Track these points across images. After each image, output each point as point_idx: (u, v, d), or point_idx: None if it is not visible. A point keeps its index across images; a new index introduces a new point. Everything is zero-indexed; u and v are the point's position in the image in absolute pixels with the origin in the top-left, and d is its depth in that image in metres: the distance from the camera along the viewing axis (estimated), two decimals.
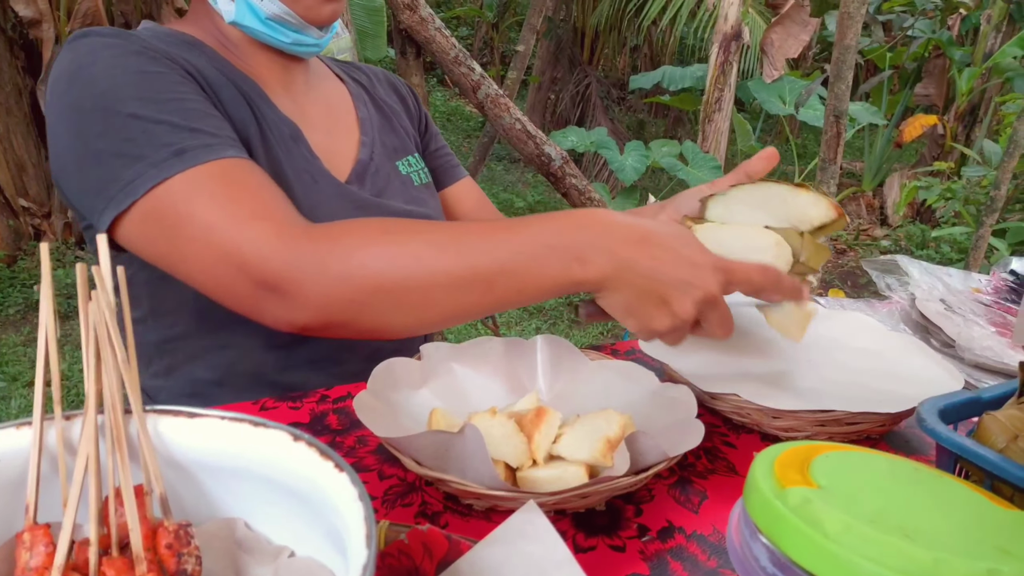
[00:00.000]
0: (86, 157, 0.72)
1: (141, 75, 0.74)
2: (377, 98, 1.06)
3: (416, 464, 0.57)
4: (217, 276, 0.69)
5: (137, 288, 0.85)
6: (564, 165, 2.44)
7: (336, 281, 0.65)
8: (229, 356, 0.86)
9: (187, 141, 0.70)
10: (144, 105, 0.72)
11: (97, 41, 0.76)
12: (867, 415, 0.69)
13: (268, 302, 0.68)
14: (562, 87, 7.78)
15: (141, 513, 0.41)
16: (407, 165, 1.02)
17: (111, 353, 0.42)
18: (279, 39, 0.86)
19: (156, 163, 0.69)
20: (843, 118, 2.65)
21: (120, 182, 0.70)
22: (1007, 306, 1.03)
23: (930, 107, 6.16)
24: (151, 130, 0.71)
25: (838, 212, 0.71)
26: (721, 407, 0.75)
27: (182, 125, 0.72)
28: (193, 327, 0.86)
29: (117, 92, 0.72)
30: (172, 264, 0.72)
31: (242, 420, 0.43)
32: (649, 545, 0.57)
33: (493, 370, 0.75)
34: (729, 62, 4.85)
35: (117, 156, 0.70)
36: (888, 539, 0.37)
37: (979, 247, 3.42)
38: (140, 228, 0.71)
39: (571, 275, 0.64)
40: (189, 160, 0.69)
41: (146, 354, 0.90)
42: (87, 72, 0.73)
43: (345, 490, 0.38)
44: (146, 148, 0.70)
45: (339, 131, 0.96)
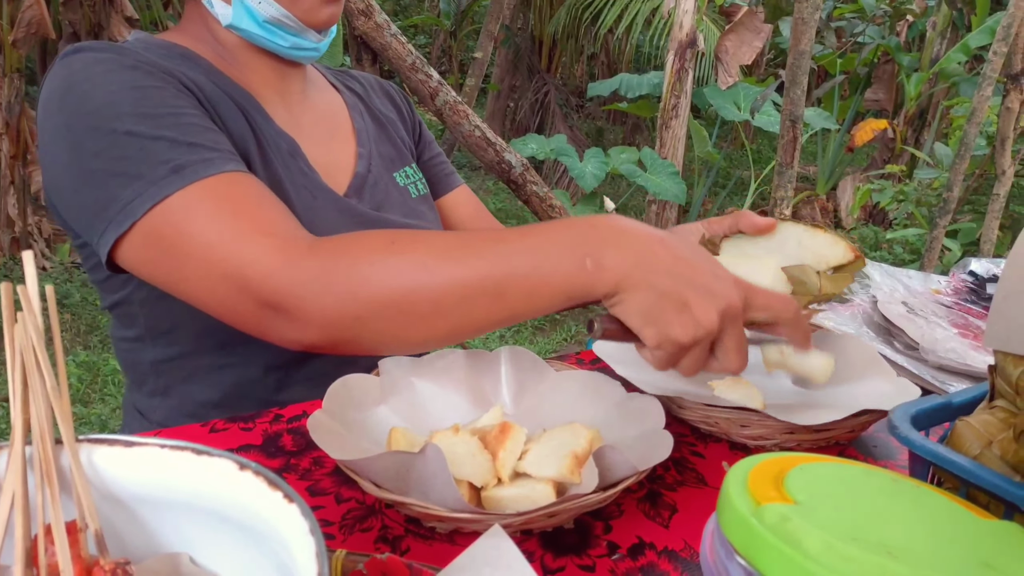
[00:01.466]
0: (82, 177, 0.69)
1: (136, 90, 0.71)
2: (372, 107, 1.03)
3: (375, 487, 0.54)
4: (220, 296, 0.66)
5: (133, 307, 0.83)
6: (525, 172, 2.43)
7: (341, 298, 0.63)
8: (228, 376, 0.84)
9: (185, 157, 0.68)
10: (140, 121, 0.69)
11: (90, 56, 0.73)
12: (837, 422, 0.68)
13: (273, 321, 0.65)
14: (521, 95, 7.79)
15: (74, 552, 0.38)
16: (404, 176, 0.99)
17: (39, 380, 0.39)
18: (277, 43, 0.84)
19: (154, 181, 0.67)
20: (799, 123, 2.68)
21: (119, 202, 0.67)
22: (967, 307, 1.04)
23: (880, 111, 6.29)
24: (148, 147, 0.68)
25: (856, 254, 0.69)
26: (688, 416, 0.74)
27: (180, 140, 0.69)
28: (192, 347, 0.83)
29: (112, 109, 0.70)
30: (174, 284, 0.69)
31: (183, 448, 0.40)
32: (620, 564, 0.55)
33: (456, 384, 0.73)
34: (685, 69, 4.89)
35: (114, 175, 0.68)
36: (870, 558, 0.35)
37: (933, 248, 3.49)
38: (141, 249, 0.69)
39: (585, 275, 0.60)
40: (188, 176, 0.67)
41: (141, 373, 0.87)
42: (80, 89, 0.71)
43: (295, 523, 0.35)
44: (143, 166, 0.67)
45: (336, 142, 0.94)
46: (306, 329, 0.64)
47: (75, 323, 3.68)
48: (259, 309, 0.65)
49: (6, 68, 3.92)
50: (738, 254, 0.73)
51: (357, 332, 0.64)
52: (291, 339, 0.66)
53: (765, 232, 0.76)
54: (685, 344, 0.60)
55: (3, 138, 4.03)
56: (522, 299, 0.62)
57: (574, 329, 4.27)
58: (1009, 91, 3.45)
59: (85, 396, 3.07)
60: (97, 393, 3.11)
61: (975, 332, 0.96)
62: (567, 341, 4.17)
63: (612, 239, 0.61)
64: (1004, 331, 0.51)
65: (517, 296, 0.61)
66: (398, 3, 9.45)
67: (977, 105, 3.30)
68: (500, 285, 0.61)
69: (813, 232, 0.70)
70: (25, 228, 4.22)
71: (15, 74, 3.95)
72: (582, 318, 4.44)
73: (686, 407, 0.72)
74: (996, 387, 0.54)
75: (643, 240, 0.61)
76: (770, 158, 6.23)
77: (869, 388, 0.77)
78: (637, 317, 0.60)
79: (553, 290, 0.61)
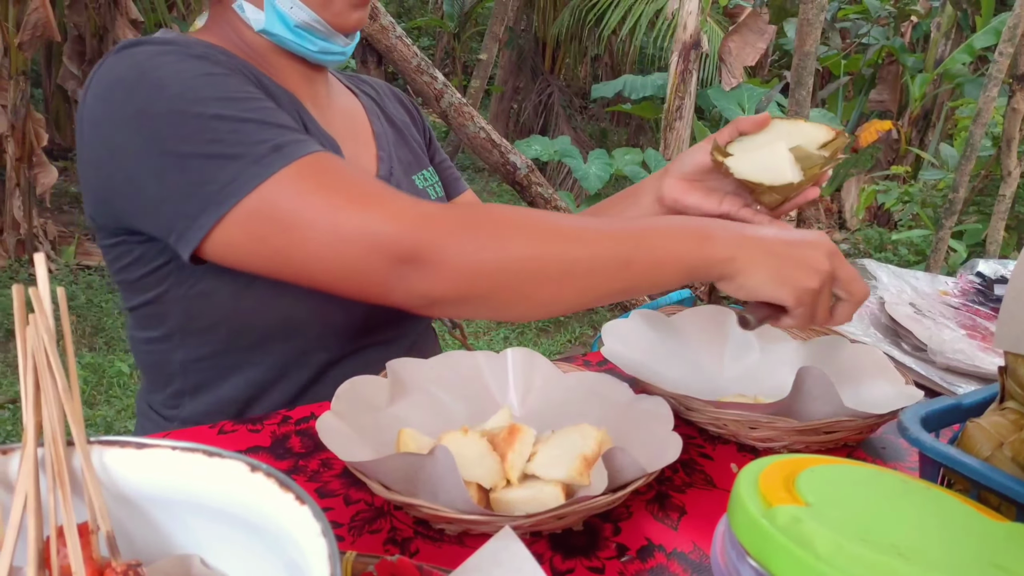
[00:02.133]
0: (166, 164, 0.68)
1: (211, 76, 0.72)
2: (387, 112, 1.04)
3: (384, 489, 0.54)
4: (347, 259, 0.67)
5: (165, 306, 0.82)
6: (530, 173, 2.43)
7: (485, 247, 0.65)
8: (258, 374, 0.84)
9: (281, 137, 0.69)
10: (225, 105, 0.69)
11: (152, 48, 0.73)
12: (844, 423, 0.68)
13: (406, 275, 0.66)
14: (524, 96, 7.79)
15: (86, 553, 0.38)
16: (423, 179, 1.00)
17: (51, 381, 0.39)
18: (306, 47, 0.84)
19: (256, 160, 0.67)
20: None
21: (217, 183, 0.67)
22: (975, 308, 1.03)
23: (884, 112, 6.28)
24: (240, 128, 0.68)
25: (836, 132, 0.85)
26: (697, 418, 0.73)
27: (268, 122, 0.70)
28: (225, 345, 0.83)
29: (193, 93, 0.69)
30: (288, 258, 0.69)
31: (195, 450, 0.40)
32: (629, 565, 0.55)
33: (463, 386, 0.73)
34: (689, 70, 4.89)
35: (209, 158, 0.67)
36: (882, 559, 0.35)
37: (939, 249, 3.48)
38: (246, 228, 0.68)
39: (702, 251, 0.68)
40: (289, 155, 0.67)
41: (166, 374, 0.86)
42: (153, 77, 0.70)
43: (307, 525, 0.35)
44: (239, 147, 0.67)
45: (359, 146, 0.94)
46: (441, 279, 0.66)
47: (81, 325, 3.69)
48: (392, 265, 0.66)
49: (11, 71, 3.93)
50: (749, 148, 0.86)
51: (491, 285, 0.66)
52: (420, 292, 0.67)
53: (763, 126, 0.88)
54: (817, 289, 0.69)
55: (8, 140, 4.04)
56: (647, 270, 0.68)
57: (578, 331, 4.27)
58: (1015, 92, 3.44)
59: (91, 398, 3.08)
60: (103, 395, 3.12)
61: (983, 333, 0.96)
62: (571, 343, 4.17)
63: (718, 228, 0.70)
64: (1014, 332, 0.51)
65: (643, 267, 0.68)
66: (402, 5, 9.47)
67: (983, 106, 3.29)
68: (629, 256, 0.68)
69: (797, 123, 0.86)
70: (31, 230, 4.24)
71: (20, 76, 3.97)
72: (586, 320, 4.44)
73: (695, 409, 0.72)
74: (1007, 388, 0.54)
75: (741, 227, 0.71)
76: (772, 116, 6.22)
77: (877, 391, 0.77)
78: (770, 285, 0.69)
79: (677, 262, 0.68)
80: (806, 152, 0.84)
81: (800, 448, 0.71)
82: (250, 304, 0.79)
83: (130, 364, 3.31)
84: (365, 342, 0.88)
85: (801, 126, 0.85)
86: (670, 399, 0.72)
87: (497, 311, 0.70)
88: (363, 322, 0.86)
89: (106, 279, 4.17)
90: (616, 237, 0.68)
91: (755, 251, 0.68)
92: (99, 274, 4.22)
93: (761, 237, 0.69)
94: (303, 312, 0.81)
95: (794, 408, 0.69)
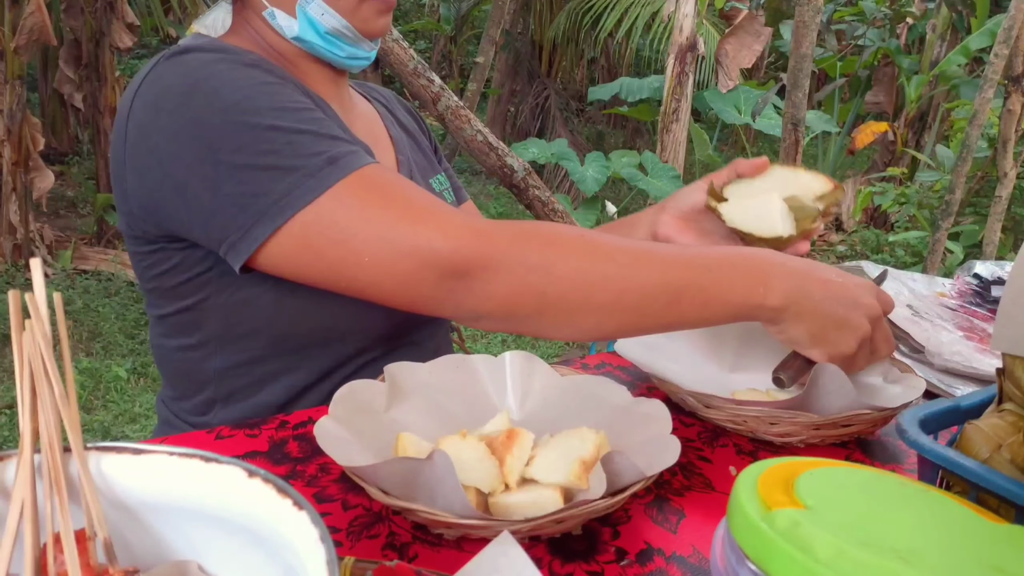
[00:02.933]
0: (221, 174, 0.68)
1: (266, 86, 0.72)
2: (399, 119, 1.06)
3: (382, 493, 0.54)
4: (400, 274, 0.67)
5: (202, 313, 0.81)
6: (527, 177, 2.43)
7: (534, 270, 0.66)
8: (296, 379, 0.84)
9: (335, 149, 0.69)
10: (281, 116, 0.70)
11: (205, 56, 0.74)
12: (861, 416, 0.69)
13: (455, 290, 0.67)
14: (521, 99, 7.79)
15: (83, 560, 0.38)
16: (439, 183, 1.02)
17: (48, 388, 0.39)
18: (336, 53, 0.85)
19: (312, 173, 0.67)
20: (801, 126, 2.68)
21: (272, 195, 0.67)
22: (972, 310, 1.03)
23: (880, 114, 6.29)
24: (296, 140, 0.69)
25: (834, 184, 0.86)
26: (714, 416, 0.74)
27: (322, 133, 0.70)
28: (263, 352, 0.83)
29: (249, 103, 0.70)
30: (339, 272, 0.69)
31: (192, 456, 0.40)
32: (628, 570, 0.55)
33: (461, 390, 0.73)
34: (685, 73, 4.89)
35: (264, 169, 0.68)
36: (882, 562, 0.35)
37: (936, 251, 3.48)
38: (302, 240, 0.68)
39: (755, 298, 0.68)
40: (344, 168, 0.68)
41: (198, 381, 0.85)
42: (208, 86, 0.71)
43: (305, 531, 0.35)
44: (295, 159, 0.68)
45: (380, 150, 0.95)
46: (490, 297, 0.67)
47: (78, 330, 3.68)
48: (443, 280, 0.67)
49: (8, 75, 3.93)
50: (744, 195, 0.87)
51: (536, 308, 0.67)
52: (470, 307, 0.69)
53: (762, 171, 0.89)
54: (853, 354, 0.71)
55: (5, 145, 4.03)
56: (695, 308, 0.68)
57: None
58: (1010, 93, 3.45)
59: (88, 403, 3.07)
60: (100, 400, 3.11)
61: (980, 335, 0.96)
62: (569, 345, 4.16)
63: (777, 270, 0.69)
64: (1012, 334, 0.51)
65: (692, 304, 0.68)
66: (399, 8, 9.46)
67: (979, 107, 3.30)
68: (679, 292, 0.67)
69: (796, 171, 0.87)
70: (27, 235, 4.23)
71: (17, 81, 3.96)
72: None
73: (713, 406, 0.73)
74: (1005, 390, 0.54)
75: (800, 271, 0.70)
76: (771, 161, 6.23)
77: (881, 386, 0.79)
78: (807, 340, 0.70)
79: (726, 305, 0.68)
80: (801, 203, 0.85)
81: (815, 442, 0.73)
82: (291, 312, 0.79)
83: (127, 369, 3.30)
84: (397, 343, 0.89)
85: (800, 175, 0.86)
86: (688, 396, 0.74)
87: (540, 331, 0.71)
88: (402, 326, 0.87)
89: (102, 284, 4.16)
90: (666, 274, 0.68)
91: (805, 304, 0.69)
92: (96, 279, 4.22)
93: (814, 288, 0.69)
94: (345, 319, 0.81)
95: (809, 403, 0.70)
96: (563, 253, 0.67)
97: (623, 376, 0.88)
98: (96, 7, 4.49)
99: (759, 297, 0.68)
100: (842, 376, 0.68)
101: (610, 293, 0.66)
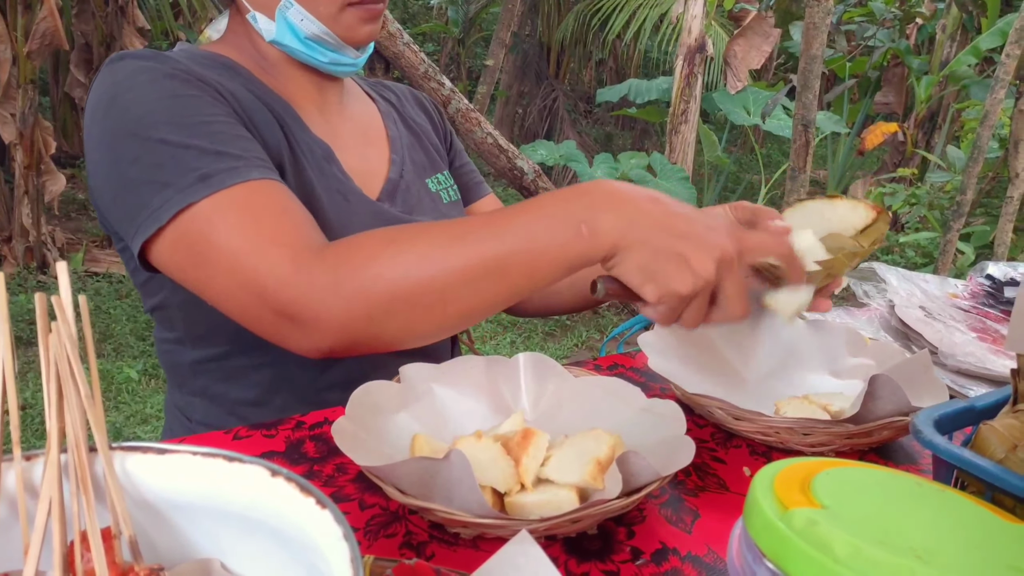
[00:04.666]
0: (120, 183, 0.73)
1: (173, 99, 0.74)
2: (406, 116, 1.06)
3: (400, 493, 0.55)
4: (241, 304, 0.69)
5: (171, 311, 0.85)
6: (537, 179, 2.43)
7: (350, 301, 0.65)
8: (265, 375, 0.86)
9: (212, 165, 0.70)
10: (174, 130, 0.72)
11: (133, 65, 0.76)
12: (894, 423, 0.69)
13: (290, 330, 0.68)
14: (529, 101, 7.80)
15: (109, 558, 0.38)
16: (436, 183, 1.02)
17: (73, 388, 0.40)
18: (317, 59, 0.86)
19: (181, 188, 0.69)
20: (811, 127, 2.68)
21: (149, 208, 0.70)
22: (985, 311, 1.03)
23: (890, 115, 6.27)
24: (179, 155, 0.71)
25: (877, 211, 0.71)
26: (745, 428, 0.73)
27: (209, 149, 0.71)
28: (229, 348, 0.85)
29: (150, 117, 0.72)
30: (202, 290, 0.72)
31: (216, 455, 0.41)
32: (643, 569, 0.55)
33: (475, 390, 0.73)
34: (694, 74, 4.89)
35: (147, 183, 0.71)
36: (899, 561, 0.35)
37: (947, 251, 3.47)
38: (169, 254, 0.72)
39: (582, 242, 0.61)
40: (214, 184, 0.69)
41: (181, 374, 0.89)
42: (124, 98, 0.74)
43: (328, 529, 0.35)
44: (172, 174, 0.70)
45: (370, 150, 0.96)
46: (322, 336, 0.67)
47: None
48: (276, 318, 0.68)
49: (20, 79, 3.95)
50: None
51: (372, 331, 0.66)
52: (309, 347, 0.69)
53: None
54: (685, 295, 0.61)
55: (17, 148, 4.06)
56: (524, 275, 0.64)
57: (585, 335, 4.27)
58: (1022, 93, 3.43)
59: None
60: (111, 401, 3.13)
61: (993, 336, 0.96)
62: (578, 346, 4.17)
63: (604, 203, 0.62)
64: None
65: (519, 272, 0.64)
66: (407, 11, 9.48)
67: (990, 108, 3.28)
68: (501, 264, 0.63)
69: (832, 203, 0.73)
70: (39, 238, 4.25)
71: (29, 85, 3.99)
72: (593, 324, 4.44)
73: (744, 419, 0.72)
74: (1020, 391, 0.54)
75: (635, 200, 0.62)
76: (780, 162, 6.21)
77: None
78: (636, 275, 0.62)
79: (553, 261, 0.63)
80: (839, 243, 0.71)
81: (845, 450, 0.72)
82: None
83: (138, 370, 3.32)
84: None
85: (837, 206, 0.73)
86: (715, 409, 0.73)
87: (392, 347, 0.69)
88: None
89: (114, 286, 4.19)
90: (484, 247, 0.64)
91: (636, 233, 0.60)
92: (107, 281, 4.25)
93: (649, 224, 0.61)
94: None
95: (866, 416, 0.68)
96: (377, 269, 0.65)
97: (636, 378, 0.88)
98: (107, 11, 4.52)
99: (585, 241, 0.61)
100: (893, 382, 0.66)
101: (433, 293, 0.64)
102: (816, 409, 0.74)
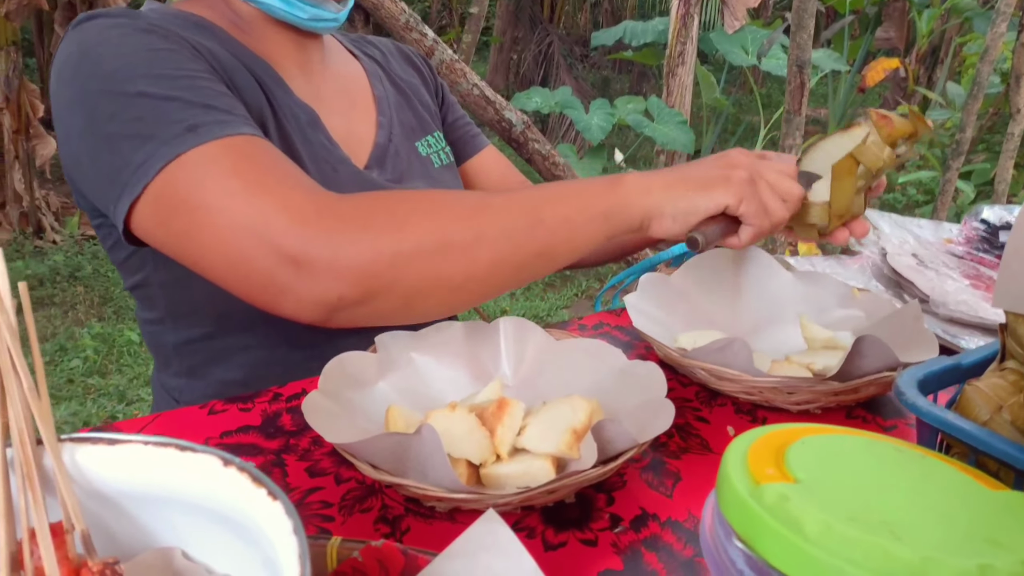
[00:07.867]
0: (98, 143, 0.67)
1: (150, 52, 0.69)
2: (393, 74, 1.01)
3: (373, 469, 0.54)
4: (235, 252, 0.63)
5: (153, 289, 0.81)
6: (526, 130, 2.39)
7: (378, 238, 0.62)
8: (252, 356, 0.83)
9: (200, 117, 0.66)
10: (154, 83, 0.67)
11: (103, 22, 0.71)
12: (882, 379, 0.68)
13: (292, 278, 0.62)
14: (524, 47, 7.66)
15: (60, 554, 0.37)
16: (426, 146, 0.97)
17: (16, 381, 0.38)
18: (296, 15, 0.81)
19: (167, 140, 0.64)
20: (806, 68, 2.62)
21: (132, 166, 0.65)
22: (980, 257, 1.01)
23: (892, 50, 6.14)
24: (161, 108, 0.66)
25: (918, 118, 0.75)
26: (729, 388, 0.72)
27: (195, 102, 0.67)
28: (213, 328, 0.82)
29: (126, 71, 0.67)
30: (186, 246, 0.66)
31: (167, 445, 0.39)
32: (622, 536, 0.54)
33: (454, 358, 0.72)
34: (690, 14, 4.77)
35: (128, 138, 0.65)
36: (871, 539, 0.34)
37: (946, 191, 3.43)
38: (153, 210, 0.66)
39: (614, 195, 0.67)
40: (203, 135, 0.65)
41: (165, 355, 0.87)
42: (95, 54, 0.69)
43: (279, 521, 0.34)
44: (156, 127, 0.65)
45: (356, 112, 0.92)
46: (335, 281, 0.62)
47: (88, 295, 3.70)
48: (279, 265, 0.62)
49: (1, 41, 3.88)
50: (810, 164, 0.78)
51: (394, 276, 0.62)
52: (314, 296, 0.62)
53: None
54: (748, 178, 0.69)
55: (4, 113, 4.01)
56: (559, 225, 0.66)
57: (584, 284, 4.26)
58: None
59: (103, 367, 3.10)
60: (114, 364, 3.14)
61: (987, 283, 0.94)
62: (577, 296, 4.16)
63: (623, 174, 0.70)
64: (1014, 290, 0.49)
65: (554, 222, 0.66)
66: None
67: (991, 42, 3.21)
68: (538, 211, 0.66)
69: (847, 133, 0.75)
70: (32, 202, 4.22)
71: (11, 47, 3.92)
72: (593, 274, 4.42)
73: (726, 379, 0.71)
74: (1007, 347, 0.52)
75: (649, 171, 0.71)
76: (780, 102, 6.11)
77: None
78: (700, 197, 0.68)
79: (589, 211, 0.67)
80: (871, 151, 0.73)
81: (831, 407, 0.71)
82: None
83: (139, 333, 3.33)
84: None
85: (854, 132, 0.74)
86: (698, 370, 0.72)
87: (409, 301, 0.65)
88: None
89: None
90: (521, 200, 0.67)
91: (670, 177, 0.69)
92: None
93: (676, 171, 0.70)
94: None
95: (851, 372, 0.67)
96: (410, 210, 0.64)
97: (621, 336, 0.87)
98: None
99: (618, 193, 0.68)
100: (880, 341, 0.64)
101: (467, 233, 0.64)
102: (799, 368, 0.73)
